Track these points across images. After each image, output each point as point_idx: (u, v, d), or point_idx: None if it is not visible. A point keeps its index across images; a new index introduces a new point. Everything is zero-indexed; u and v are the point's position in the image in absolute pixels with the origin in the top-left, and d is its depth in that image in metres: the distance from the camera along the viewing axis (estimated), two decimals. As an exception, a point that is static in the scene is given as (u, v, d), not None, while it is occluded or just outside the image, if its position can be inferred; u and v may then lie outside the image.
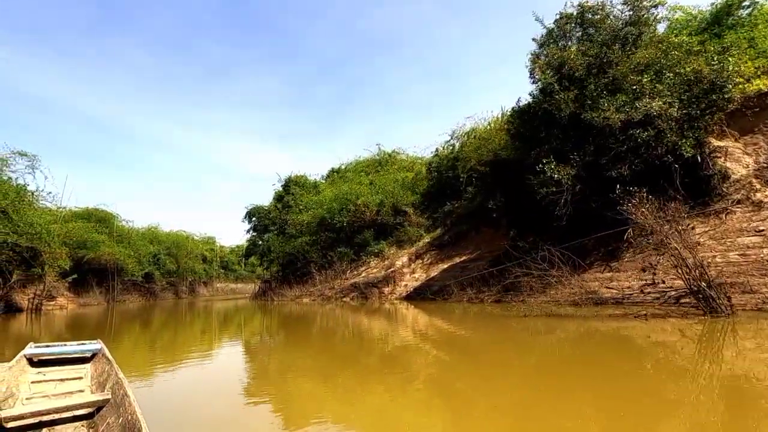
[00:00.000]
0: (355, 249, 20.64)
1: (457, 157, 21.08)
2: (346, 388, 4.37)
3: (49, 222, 21.72)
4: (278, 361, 6.32)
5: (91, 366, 4.29)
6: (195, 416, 3.53)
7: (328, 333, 9.36)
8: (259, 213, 26.93)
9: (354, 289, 18.18)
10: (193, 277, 42.84)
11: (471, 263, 14.81)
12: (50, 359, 4.25)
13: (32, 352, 4.25)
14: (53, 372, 4.03)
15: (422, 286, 15.70)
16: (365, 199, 20.67)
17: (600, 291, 9.22)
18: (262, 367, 5.94)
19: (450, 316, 10.95)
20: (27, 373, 3.89)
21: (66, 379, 3.93)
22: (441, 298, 13.71)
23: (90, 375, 4.09)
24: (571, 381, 4.17)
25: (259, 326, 12.42)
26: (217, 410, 3.66)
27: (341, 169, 30.26)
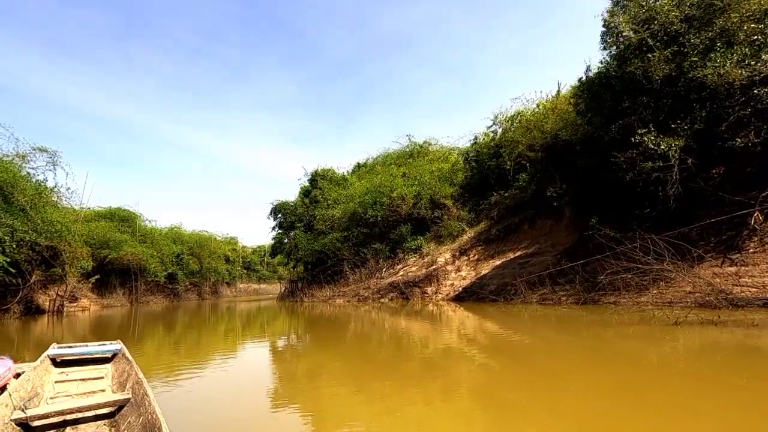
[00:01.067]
0: (391, 245, 18.97)
1: (500, 144, 19.20)
2: (381, 395, 3.96)
3: (70, 220, 20.83)
4: (307, 366, 5.87)
5: (112, 366, 4.33)
6: (217, 419, 3.36)
7: (362, 336, 8.56)
8: (285, 209, 25.48)
9: (392, 289, 16.50)
10: (217, 278, 41.98)
11: (532, 258, 12.94)
12: (73, 359, 4.31)
13: (55, 352, 4.29)
14: (76, 372, 4.08)
15: (473, 286, 13.89)
16: (401, 191, 18.97)
17: (731, 289, 7.25)
18: (290, 371, 5.57)
19: (508, 320, 9.34)
20: (51, 373, 3.93)
21: (88, 378, 3.98)
22: (503, 299, 11.88)
23: (111, 375, 4.13)
24: (673, 401, 3.20)
25: (287, 329, 11.51)
26: (240, 414, 3.51)
27: (368, 164, 28.64)
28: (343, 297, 17.74)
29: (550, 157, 14.63)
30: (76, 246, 20.32)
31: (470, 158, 21.78)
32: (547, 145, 14.66)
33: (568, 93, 15.96)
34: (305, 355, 6.94)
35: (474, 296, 13.37)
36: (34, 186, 18.88)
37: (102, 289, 28.49)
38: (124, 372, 3.87)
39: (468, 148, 23.04)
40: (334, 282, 19.47)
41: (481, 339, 7.16)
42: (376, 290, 16.81)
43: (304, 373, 5.37)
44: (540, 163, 15.13)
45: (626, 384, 3.81)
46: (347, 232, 19.65)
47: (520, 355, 5.57)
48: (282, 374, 5.41)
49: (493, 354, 5.78)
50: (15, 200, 17.09)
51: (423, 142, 25.98)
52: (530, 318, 9.10)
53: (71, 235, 19.98)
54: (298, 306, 18.71)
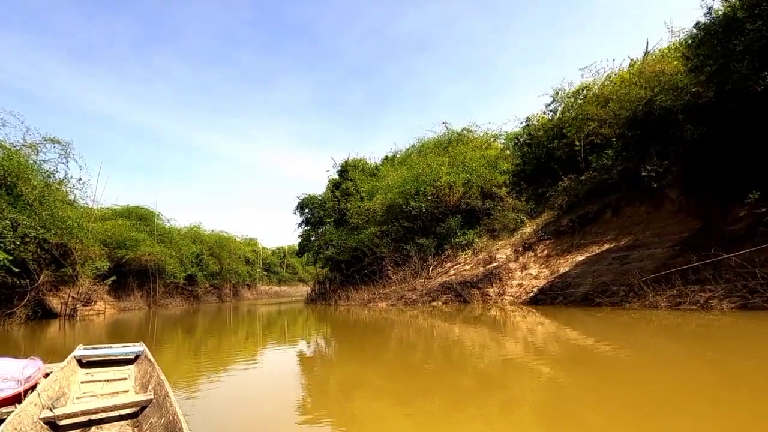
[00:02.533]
0: (437, 241, 16.59)
1: (561, 124, 16.67)
2: (430, 413, 3.39)
3: (82, 216, 19.11)
4: (341, 377, 5.29)
5: (135, 367, 4.37)
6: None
7: (408, 345, 7.52)
8: (313, 203, 23.28)
9: (445, 291, 14.12)
10: (237, 280, 40.22)
11: (632, 252, 10.38)
12: (98, 360, 4.37)
13: (81, 353, 4.36)
14: (100, 373, 4.12)
15: (552, 287, 11.40)
16: (448, 179, 16.57)
17: None
18: (321, 382, 5.01)
19: (611, 329, 7.25)
20: (77, 374, 3.99)
21: (112, 379, 4.01)
22: (605, 302, 9.35)
23: (134, 376, 4.15)
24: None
25: (318, 335, 10.47)
26: (264, 426, 3.30)
27: (396, 157, 26.24)
28: (386, 300, 15.41)
29: (641, 131, 12.06)
30: (88, 244, 18.55)
31: (522, 142, 19.27)
32: (635, 117, 12.10)
33: (659, 54, 13.34)
34: (339, 364, 6.17)
35: (557, 299, 10.87)
36: (43, 177, 17.18)
37: (119, 291, 26.86)
38: (147, 373, 3.89)
39: (518, 132, 20.53)
40: (372, 282, 17.17)
41: (562, 350, 5.80)
42: (425, 292, 14.44)
43: (338, 385, 4.80)
44: (627, 139, 12.56)
45: None
46: (385, 227, 17.34)
47: (612, 370, 4.47)
48: (312, 385, 4.88)
49: (575, 368, 4.71)
50: (20, 192, 15.35)
51: (461, 129, 23.52)
52: (658, 328, 6.70)
53: (83, 232, 18.21)
54: (332, 310, 16.49)
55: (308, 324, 14.06)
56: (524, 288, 12.29)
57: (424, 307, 13.77)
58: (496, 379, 4.44)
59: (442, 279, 14.85)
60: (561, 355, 5.49)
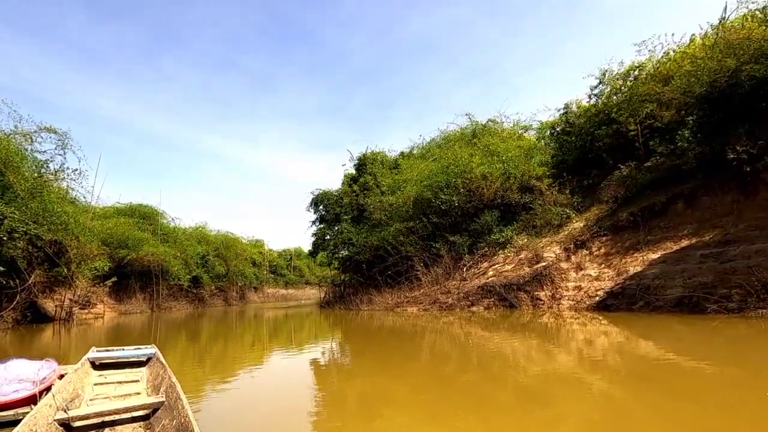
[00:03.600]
0: (472, 238, 14.86)
1: (607, 110, 14.97)
2: (460, 431, 2.99)
3: (79, 211, 17.55)
4: (363, 388, 4.60)
5: (147, 370, 4.31)
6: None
7: (439, 355, 6.64)
8: (328, 199, 21.55)
9: (486, 294, 12.38)
10: (244, 282, 38.54)
11: (727, 248, 8.61)
12: (110, 362, 4.34)
13: (95, 355, 4.33)
14: (113, 375, 4.09)
15: (624, 289, 9.64)
16: (484, 169, 14.85)
17: None
18: (339, 394, 4.44)
19: (708, 341, 6.04)
20: (90, 376, 3.98)
21: (124, 381, 3.97)
22: (716, 308, 7.57)
23: (146, 378, 4.11)
24: None
25: (336, 342, 9.45)
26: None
27: (413, 153, 24.50)
28: (416, 304, 13.67)
29: (723, 108, 10.33)
30: (85, 241, 16.95)
31: (560, 131, 17.56)
32: (714, 93, 10.37)
33: (738, 21, 11.59)
34: (360, 375, 5.52)
35: (637, 303, 9.10)
36: (36, 167, 15.65)
37: (120, 293, 25.28)
38: (158, 376, 3.86)
39: (553, 121, 18.82)
40: (397, 285, 15.45)
41: (626, 364, 4.93)
42: (462, 295, 12.69)
43: (359, 397, 4.17)
44: (703, 118, 10.82)
45: None
46: (412, 223, 15.62)
47: (689, 389, 3.64)
48: (329, 397, 4.28)
49: (639, 384, 3.95)
50: (8, 182, 13.80)
51: (487, 120, 21.79)
52: None
53: (80, 228, 16.64)
54: (352, 315, 14.77)
55: (324, 330, 12.37)
56: (585, 291, 10.53)
57: (462, 313, 12.03)
58: (539, 395, 3.87)
59: (480, 280, 13.11)
60: (624, 369, 4.70)
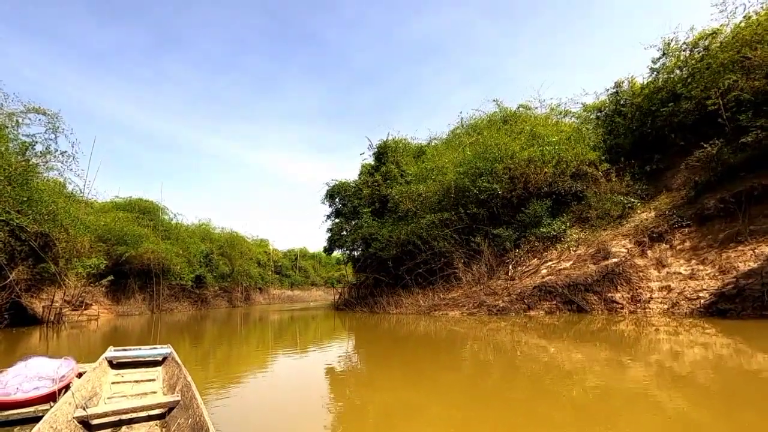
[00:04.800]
0: (518, 232, 12.89)
1: (671, 86, 13.04)
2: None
3: (70, 201, 15.70)
4: (386, 401, 3.95)
5: (163, 369, 4.33)
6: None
7: (483, 367, 5.30)
8: (345, 191, 19.61)
9: (545, 295, 10.43)
10: (249, 282, 36.64)
11: None
12: (127, 361, 4.34)
13: (112, 355, 4.34)
14: (130, 374, 4.13)
15: (738, 291, 7.69)
16: (531, 153, 12.90)
17: None
18: (359, 407, 3.81)
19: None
20: (108, 374, 4.02)
21: (141, 380, 4.01)
22: None
23: (162, 377, 4.13)
24: None
25: (357, 349, 8.16)
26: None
27: (432, 145, 22.43)
28: (456, 307, 11.72)
29: None
30: (75, 234, 15.08)
31: (611, 113, 15.60)
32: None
33: None
34: (384, 386, 4.59)
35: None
36: (19, 149, 13.81)
37: (117, 293, 23.40)
38: (174, 375, 3.83)
39: (599, 104, 16.85)
40: (429, 285, 13.50)
41: (719, 381, 3.85)
42: (515, 297, 10.74)
43: (381, 411, 3.61)
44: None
45: None
46: (446, 214, 13.68)
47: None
48: (346, 408, 3.71)
49: (729, 404, 3.17)
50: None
51: (518, 106, 19.78)
52: None
53: (70, 219, 14.79)
54: (378, 319, 12.84)
55: (343, 335, 10.44)
56: (680, 293, 8.57)
57: (517, 318, 10.09)
58: (600, 417, 3.10)
59: (533, 280, 11.16)
60: (716, 387, 3.80)
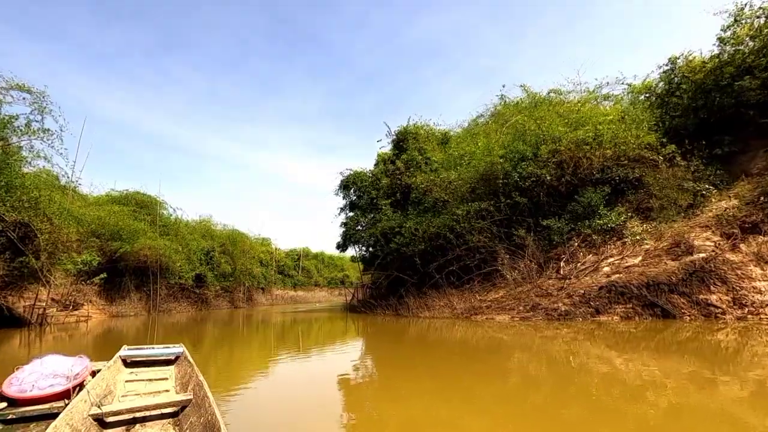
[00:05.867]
0: (569, 223, 11.17)
1: (742, 59, 11.37)
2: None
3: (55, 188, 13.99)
4: (413, 414, 3.49)
5: (175, 368, 4.35)
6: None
7: (530, 379, 4.57)
8: (361, 181, 17.82)
9: (616, 297, 8.71)
10: (251, 282, 34.86)
11: None
12: (141, 360, 4.37)
13: (126, 353, 4.36)
14: (143, 372, 4.15)
15: None
16: (585, 133, 11.19)
17: None
18: (381, 421, 3.38)
19: None
20: (122, 373, 4.04)
21: (154, 379, 4.03)
22: None
23: (174, 376, 4.14)
24: None
25: (380, 357, 7.04)
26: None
27: (452, 134, 20.59)
28: (504, 310, 9.99)
29: None
30: (60, 224, 13.38)
31: (667, 92, 13.91)
32: None
33: None
34: (409, 399, 4.00)
35: None
36: None
37: (111, 293, 21.65)
38: (186, 374, 3.89)
39: (649, 84, 15.15)
40: (465, 284, 11.78)
41: None
42: (580, 299, 9.02)
43: (404, 424, 3.24)
44: None
45: None
46: (483, 204, 11.95)
47: None
48: (365, 421, 3.35)
49: None
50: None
51: (549, 91, 18.06)
52: None
53: (54, 207, 13.10)
54: (406, 324, 11.13)
55: (358, 340, 8.73)
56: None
57: (583, 324, 8.37)
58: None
59: (594, 278, 9.45)
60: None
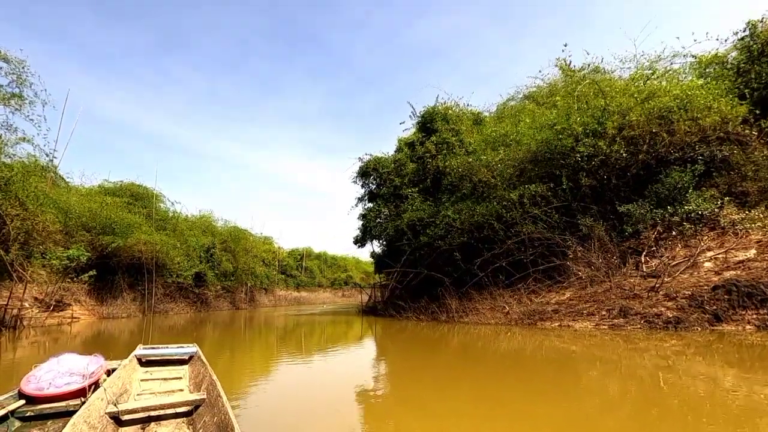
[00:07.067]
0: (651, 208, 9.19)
1: None
2: None
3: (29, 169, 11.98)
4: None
5: (189, 367, 4.43)
6: None
7: (609, 400, 3.66)
8: (383, 167, 15.78)
9: (740, 300, 6.73)
10: (253, 282, 32.84)
11: None
12: (156, 359, 4.45)
13: (141, 353, 4.46)
14: (158, 371, 4.22)
15: None
16: (664, 103, 9.24)
17: None
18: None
19: None
20: (137, 372, 4.10)
21: (168, 378, 4.08)
22: None
23: (188, 375, 4.20)
24: None
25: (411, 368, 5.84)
26: None
27: (488, 117, 18.11)
28: (581, 316, 8.01)
29: None
30: (36, 210, 11.39)
31: (746, 62, 11.97)
32: None
33: None
34: (448, 411, 3.48)
35: None
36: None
37: (102, 292, 19.62)
38: (200, 373, 3.93)
39: (721, 55, 13.18)
40: (517, 284, 9.81)
41: None
42: (690, 302, 7.03)
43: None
44: None
45: None
46: (541, 186, 9.93)
47: None
48: None
49: None
50: None
51: (588, 68, 16.02)
52: None
53: (29, 190, 11.14)
54: (446, 330, 9.17)
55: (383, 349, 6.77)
56: None
57: (699, 334, 6.40)
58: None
59: (701, 276, 7.48)
60: None
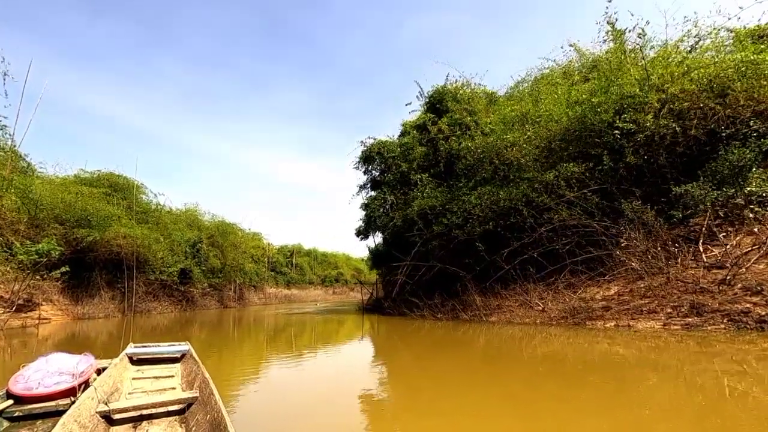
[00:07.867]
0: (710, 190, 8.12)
1: None
2: None
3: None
4: None
5: (181, 366, 4.37)
6: None
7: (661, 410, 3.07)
8: (387, 151, 14.35)
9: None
10: (242, 280, 31.18)
11: None
12: (147, 358, 4.40)
13: (132, 351, 4.42)
14: (149, 370, 4.18)
15: None
16: (720, 70, 8.16)
17: None
18: None
19: None
20: (128, 370, 4.07)
21: (160, 376, 4.04)
22: None
23: (180, 374, 4.16)
24: None
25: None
26: None
27: (503, 96, 16.36)
28: (642, 315, 6.85)
29: None
30: None
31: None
32: None
33: None
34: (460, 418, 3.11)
35: None
36: None
37: (77, 290, 17.90)
38: (192, 372, 3.89)
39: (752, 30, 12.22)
40: (550, 277, 8.64)
41: None
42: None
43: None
44: None
45: None
46: (579, 166, 8.72)
47: None
48: None
49: None
50: None
51: (605, 51, 14.87)
52: None
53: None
54: (469, 330, 7.99)
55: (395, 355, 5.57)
56: None
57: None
58: None
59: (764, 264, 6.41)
60: None
